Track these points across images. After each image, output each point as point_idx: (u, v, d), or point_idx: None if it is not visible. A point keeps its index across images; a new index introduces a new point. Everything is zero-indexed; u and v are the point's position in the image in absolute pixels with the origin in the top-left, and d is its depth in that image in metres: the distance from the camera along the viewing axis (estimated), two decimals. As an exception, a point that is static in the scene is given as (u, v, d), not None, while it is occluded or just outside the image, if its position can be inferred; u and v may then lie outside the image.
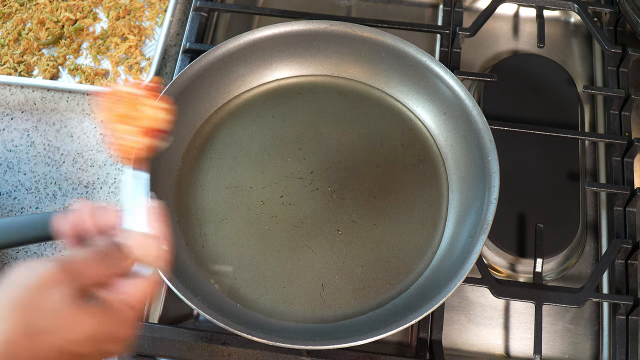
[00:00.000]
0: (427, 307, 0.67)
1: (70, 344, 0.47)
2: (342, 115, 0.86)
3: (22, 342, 0.46)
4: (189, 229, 0.79)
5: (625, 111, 0.88)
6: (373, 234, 0.78)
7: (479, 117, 0.78)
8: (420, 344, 0.74)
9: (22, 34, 0.95)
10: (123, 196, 0.55)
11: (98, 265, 0.51)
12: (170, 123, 0.59)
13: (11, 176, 0.86)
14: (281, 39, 0.85)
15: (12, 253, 0.81)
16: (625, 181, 0.84)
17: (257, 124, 0.85)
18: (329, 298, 0.74)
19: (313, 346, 0.67)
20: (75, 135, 0.89)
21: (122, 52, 0.93)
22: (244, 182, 0.81)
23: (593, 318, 0.80)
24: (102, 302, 0.50)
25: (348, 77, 0.89)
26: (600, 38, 0.91)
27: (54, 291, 0.47)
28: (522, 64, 0.95)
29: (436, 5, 1.02)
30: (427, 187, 0.81)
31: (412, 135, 0.85)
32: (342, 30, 0.85)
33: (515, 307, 0.81)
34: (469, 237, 0.73)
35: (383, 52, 0.85)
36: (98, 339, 0.49)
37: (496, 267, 0.82)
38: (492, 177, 0.74)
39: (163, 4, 0.97)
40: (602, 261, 0.77)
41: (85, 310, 0.48)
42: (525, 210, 0.83)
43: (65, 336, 0.47)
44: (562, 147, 0.87)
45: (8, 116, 0.91)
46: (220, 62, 0.84)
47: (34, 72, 0.92)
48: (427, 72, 0.82)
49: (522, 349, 0.79)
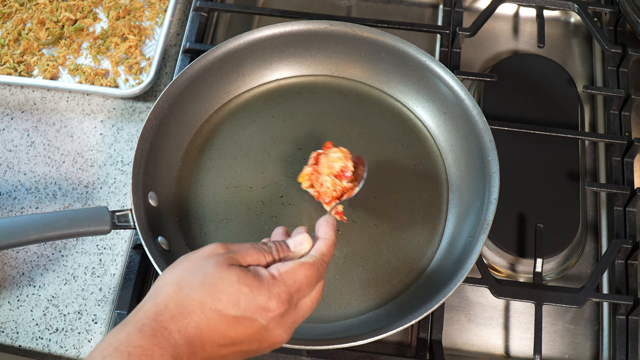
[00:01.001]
0: (427, 307, 0.67)
1: (214, 301, 0.50)
2: (342, 115, 0.86)
3: (173, 297, 0.50)
4: (189, 229, 0.79)
5: (625, 111, 0.88)
6: (373, 234, 0.78)
7: (479, 117, 0.78)
8: (420, 344, 0.74)
9: (22, 34, 0.95)
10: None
11: (256, 250, 0.54)
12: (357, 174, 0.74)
13: (11, 176, 0.86)
14: (281, 39, 0.85)
15: (12, 253, 0.81)
16: (625, 181, 0.84)
17: (257, 124, 0.85)
18: (329, 298, 0.74)
19: (313, 346, 0.67)
20: (75, 135, 0.89)
21: (122, 52, 0.93)
22: (244, 182, 0.81)
23: (593, 318, 0.80)
24: (253, 271, 0.52)
25: (348, 77, 0.89)
26: (600, 38, 0.91)
27: (210, 258, 0.53)
28: (522, 64, 0.95)
29: (436, 5, 1.02)
30: (427, 187, 0.81)
31: (412, 135, 0.85)
32: (342, 30, 0.85)
33: (515, 307, 0.81)
34: (469, 237, 0.73)
35: (383, 52, 0.85)
36: (243, 306, 0.50)
37: (496, 267, 0.82)
38: (492, 177, 0.74)
39: (163, 4, 0.97)
40: (602, 261, 0.77)
41: (234, 271, 0.51)
42: (525, 210, 0.83)
43: (212, 294, 0.50)
44: (562, 147, 0.87)
45: (8, 116, 0.91)
46: (220, 62, 0.84)
47: (34, 72, 0.92)
48: (427, 72, 0.82)
49: (522, 349, 0.79)
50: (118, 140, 0.89)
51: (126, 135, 0.89)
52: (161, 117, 0.79)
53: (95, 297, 0.79)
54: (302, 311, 0.54)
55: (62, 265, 0.81)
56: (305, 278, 0.53)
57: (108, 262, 0.81)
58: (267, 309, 0.51)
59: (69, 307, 0.78)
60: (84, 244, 0.82)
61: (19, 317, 0.77)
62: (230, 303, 0.50)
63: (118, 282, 0.79)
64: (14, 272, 0.80)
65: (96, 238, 0.82)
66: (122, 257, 0.81)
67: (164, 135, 0.80)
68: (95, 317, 0.78)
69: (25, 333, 0.77)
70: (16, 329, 0.77)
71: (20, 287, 0.79)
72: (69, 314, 0.78)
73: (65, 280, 0.79)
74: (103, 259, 0.81)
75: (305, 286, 0.53)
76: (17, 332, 0.77)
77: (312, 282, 0.54)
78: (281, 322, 0.52)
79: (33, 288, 0.79)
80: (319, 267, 0.55)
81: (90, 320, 0.77)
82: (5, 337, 0.76)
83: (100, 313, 0.78)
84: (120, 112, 0.91)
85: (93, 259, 0.81)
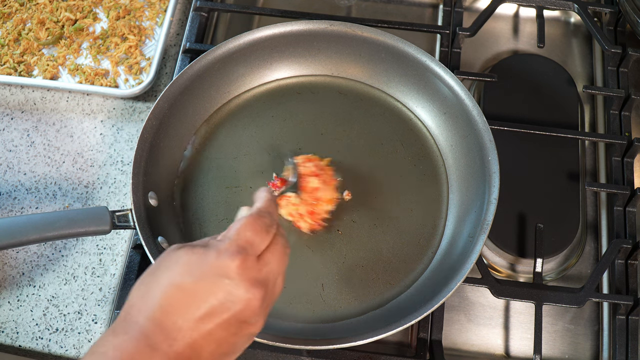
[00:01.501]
0: (427, 307, 0.67)
1: (169, 276, 0.50)
2: (342, 115, 0.86)
3: (134, 292, 0.51)
4: (189, 229, 0.79)
5: (625, 111, 0.88)
6: (373, 234, 0.78)
7: (479, 117, 0.78)
8: (420, 344, 0.74)
9: (22, 34, 0.95)
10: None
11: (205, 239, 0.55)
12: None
13: (11, 176, 0.86)
14: (281, 39, 0.85)
15: (12, 253, 0.81)
16: (625, 181, 0.84)
17: (257, 124, 0.85)
18: (329, 298, 0.74)
19: (313, 346, 0.67)
20: (75, 135, 0.89)
21: (122, 52, 0.93)
22: (244, 182, 0.81)
23: (593, 318, 0.80)
24: (200, 243, 0.53)
25: (348, 77, 0.89)
26: (600, 38, 0.91)
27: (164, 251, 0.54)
28: (522, 64, 0.95)
29: (436, 5, 1.02)
30: (427, 187, 0.81)
31: (412, 135, 0.85)
32: (342, 30, 0.85)
33: (515, 307, 0.81)
34: (469, 237, 0.73)
35: (383, 52, 0.85)
36: (197, 272, 0.50)
37: (496, 267, 0.82)
38: (492, 177, 0.74)
39: (163, 4, 0.97)
40: (602, 261, 0.77)
41: (182, 249, 0.52)
42: (525, 210, 0.83)
43: (166, 271, 0.51)
44: (562, 147, 0.87)
45: (8, 116, 0.91)
46: (220, 62, 0.84)
47: (34, 72, 0.92)
48: (427, 72, 0.82)
49: (522, 349, 0.79)
50: (118, 140, 0.89)
51: (126, 135, 0.89)
52: (161, 117, 0.79)
53: (95, 297, 0.79)
54: (267, 264, 0.52)
55: (62, 265, 0.81)
56: (248, 227, 0.52)
57: (108, 262, 0.81)
58: (221, 266, 0.50)
59: (69, 307, 0.78)
60: (84, 244, 0.82)
61: (19, 317, 0.78)
62: (184, 274, 0.50)
63: (118, 282, 0.79)
64: (14, 272, 0.80)
65: (96, 238, 0.82)
66: (122, 257, 0.81)
67: (164, 135, 0.80)
68: (95, 317, 0.78)
69: (25, 333, 0.77)
70: (16, 329, 0.77)
71: (20, 287, 0.79)
72: (69, 314, 0.78)
73: (65, 280, 0.79)
74: (103, 259, 0.81)
75: (253, 236, 0.52)
76: (17, 332, 0.77)
77: (258, 230, 0.53)
78: (243, 275, 0.50)
79: (33, 288, 0.79)
80: (260, 217, 0.54)
81: (90, 321, 0.77)
82: (5, 337, 0.76)
83: (100, 313, 0.78)
84: (120, 112, 0.91)
85: (93, 259, 0.81)
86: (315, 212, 0.76)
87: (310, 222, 0.76)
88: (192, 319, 0.49)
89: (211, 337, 0.50)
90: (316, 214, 0.76)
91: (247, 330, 0.52)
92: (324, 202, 0.76)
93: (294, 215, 0.76)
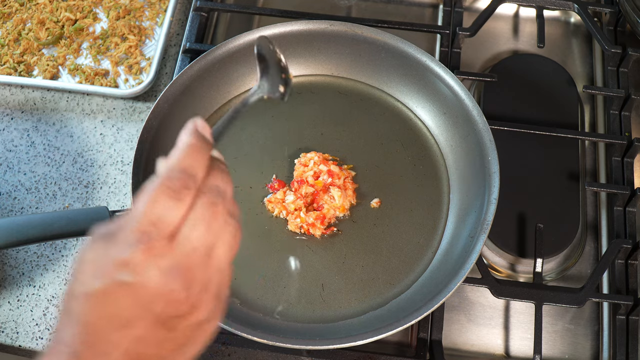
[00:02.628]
0: (427, 307, 0.67)
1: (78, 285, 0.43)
2: (342, 115, 0.86)
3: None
4: (189, 229, 0.79)
5: (625, 111, 0.88)
6: (373, 234, 0.78)
7: (479, 117, 0.78)
8: (420, 344, 0.74)
9: (22, 34, 0.95)
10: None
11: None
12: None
13: (11, 176, 0.86)
14: (281, 39, 0.85)
15: (12, 253, 0.81)
16: (625, 181, 0.84)
17: (257, 124, 0.85)
18: (329, 298, 0.74)
19: (313, 346, 0.67)
20: (75, 135, 0.89)
21: (122, 52, 0.93)
22: (244, 182, 0.81)
23: (593, 318, 0.80)
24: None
25: (348, 77, 0.89)
26: (600, 38, 0.91)
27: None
28: (522, 64, 0.95)
29: (436, 5, 1.02)
30: (427, 187, 0.81)
31: (412, 135, 0.85)
32: (342, 30, 0.85)
33: (515, 307, 0.81)
34: (469, 237, 0.73)
35: (383, 52, 0.85)
36: (101, 270, 0.42)
37: (496, 267, 0.82)
38: (492, 177, 0.74)
39: (163, 4, 0.97)
40: (602, 261, 0.77)
41: (92, 243, 0.44)
42: (525, 210, 0.83)
43: (75, 277, 0.43)
44: (562, 147, 0.87)
45: (8, 116, 0.91)
46: (220, 62, 0.84)
47: (34, 72, 0.92)
48: (427, 72, 0.82)
49: (522, 349, 0.79)
50: (118, 140, 0.89)
51: (126, 135, 0.89)
52: (161, 117, 0.79)
53: (95, 297, 0.79)
54: (185, 241, 0.43)
55: (62, 265, 0.81)
56: (151, 201, 0.42)
57: (108, 262, 0.80)
58: (123, 262, 0.41)
59: (69, 307, 0.78)
60: (84, 244, 0.82)
61: (19, 317, 0.77)
62: (91, 277, 0.42)
63: (118, 282, 0.79)
64: (14, 272, 0.80)
65: (96, 238, 0.82)
66: (122, 257, 0.81)
67: (164, 135, 0.80)
68: (95, 317, 0.77)
69: (25, 333, 0.77)
70: (16, 329, 0.77)
71: (20, 287, 0.79)
72: (69, 314, 0.78)
73: (65, 280, 0.79)
74: (103, 259, 0.81)
75: (160, 211, 0.42)
76: (17, 332, 0.77)
77: (164, 202, 0.42)
78: (150, 267, 0.41)
79: (33, 288, 0.79)
80: (167, 181, 0.43)
81: (90, 320, 0.77)
82: (5, 337, 0.76)
83: (100, 313, 0.78)
84: (120, 112, 0.91)
85: (93, 259, 0.81)
86: (325, 215, 0.77)
87: (320, 227, 0.77)
88: (115, 328, 0.42)
89: (146, 341, 0.42)
90: (326, 218, 0.77)
91: (189, 320, 0.44)
92: (338, 209, 0.78)
93: (304, 228, 0.77)
